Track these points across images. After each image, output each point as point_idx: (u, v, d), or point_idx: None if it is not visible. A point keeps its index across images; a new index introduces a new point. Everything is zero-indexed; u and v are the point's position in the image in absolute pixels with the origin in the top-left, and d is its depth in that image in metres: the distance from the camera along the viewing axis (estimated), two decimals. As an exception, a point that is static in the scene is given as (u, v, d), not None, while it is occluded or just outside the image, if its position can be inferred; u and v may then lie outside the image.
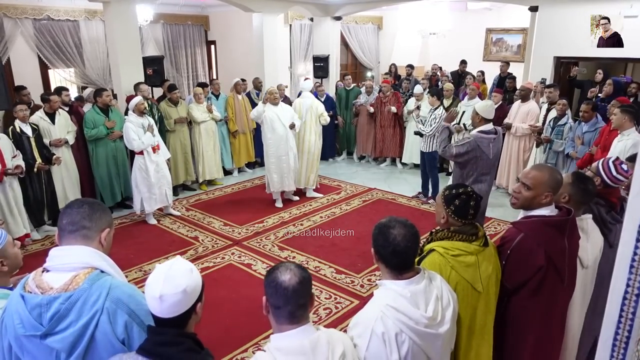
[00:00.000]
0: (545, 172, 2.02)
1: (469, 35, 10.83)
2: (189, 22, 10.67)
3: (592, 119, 4.99)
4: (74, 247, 1.45)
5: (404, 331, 1.52)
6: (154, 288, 1.29)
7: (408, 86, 8.23)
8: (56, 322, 1.34)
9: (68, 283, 1.37)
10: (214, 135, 6.88)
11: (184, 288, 1.30)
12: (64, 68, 8.61)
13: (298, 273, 1.41)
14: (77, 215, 1.47)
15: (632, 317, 1.30)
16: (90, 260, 1.43)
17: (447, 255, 1.84)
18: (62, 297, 1.35)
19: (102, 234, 1.50)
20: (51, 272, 1.43)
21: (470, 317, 1.86)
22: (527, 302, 1.98)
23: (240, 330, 3.57)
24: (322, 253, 4.84)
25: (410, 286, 1.58)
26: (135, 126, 5.28)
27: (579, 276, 2.16)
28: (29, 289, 1.40)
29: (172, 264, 1.35)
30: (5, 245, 1.69)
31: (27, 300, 1.37)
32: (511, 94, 7.27)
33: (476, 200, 1.92)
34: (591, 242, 2.19)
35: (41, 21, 8.13)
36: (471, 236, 1.89)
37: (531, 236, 1.94)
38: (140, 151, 5.36)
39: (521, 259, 1.94)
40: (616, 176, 2.33)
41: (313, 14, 9.33)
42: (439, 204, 1.99)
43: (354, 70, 12.25)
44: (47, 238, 5.24)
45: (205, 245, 5.08)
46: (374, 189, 6.93)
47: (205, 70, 11.25)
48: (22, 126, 4.93)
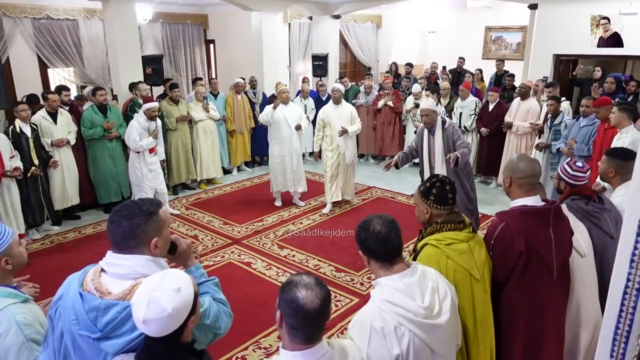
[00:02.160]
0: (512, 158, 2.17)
1: (468, 33, 10.83)
2: (188, 21, 10.66)
3: (592, 115, 4.99)
4: (128, 256, 1.44)
5: (402, 324, 1.52)
6: (138, 311, 1.24)
7: (407, 84, 8.23)
8: (112, 329, 1.35)
9: (126, 292, 1.37)
10: (212, 135, 6.88)
11: (169, 312, 1.23)
12: (64, 67, 8.59)
13: (320, 294, 1.31)
14: (119, 235, 1.44)
15: (632, 311, 1.30)
16: (145, 270, 1.42)
17: (440, 246, 1.89)
18: (120, 306, 1.35)
19: (152, 243, 1.47)
20: (109, 275, 1.43)
21: (473, 307, 1.89)
22: (513, 292, 2.03)
23: (241, 328, 3.56)
24: (322, 251, 4.85)
25: (404, 279, 1.59)
26: (140, 128, 5.29)
27: (581, 265, 2.19)
28: (87, 288, 1.40)
29: (159, 283, 1.27)
30: (11, 243, 1.67)
31: (85, 300, 1.38)
32: (510, 92, 7.27)
33: (450, 184, 2.01)
34: (578, 230, 2.23)
35: (40, 20, 8.12)
36: (459, 224, 1.95)
37: (511, 225, 2.01)
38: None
39: (504, 247, 2.01)
40: (574, 174, 2.44)
41: (312, 13, 9.33)
42: (418, 202, 2.04)
43: (353, 69, 12.24)
44: (47, 237, 5.24)
45: (205, 243, 5.08)
46: (374, 187, 6.93)
47: (205, 69, 11.24)
48: (22, 126, 4.92)
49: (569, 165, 2.48)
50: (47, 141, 5.25)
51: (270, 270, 4.48)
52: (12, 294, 1.67)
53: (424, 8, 10.34)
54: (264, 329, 3.56)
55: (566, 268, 2.12)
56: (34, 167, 4.85)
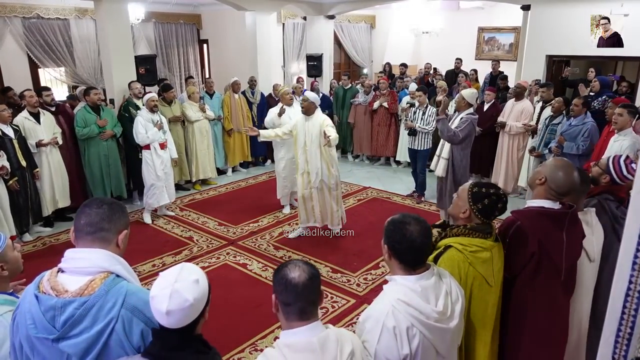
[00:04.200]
0: (557, 162, 2.11)
1: (461, 34, 10.88)
2: (181, 21, 10.60)
3: (581, 115, 5.03)
4: (91, 250, 1.41)
5: (415, 325, 1.53)
6: (161, 303, 1.26)
7: (402, 85, 8.24)
8: (70, 327, 1.31)
9: (84, 288, 1.34)
10: (207, 135, 6.85)
11: (191, 302, 1.28)
12: (55, 67, 8.51)
13: (307, 270, 1.41)
14: (96, 217, 1.43)
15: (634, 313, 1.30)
16: (106, 264, 1.40)
17: (465, 252, 1.85)
18: (77, 302, 1.32)
19: (120, 235, 1.47)
20: (66, 273, 1.39)
21: (483, 312, 1.90)
22: (523, 292, 2.03)
23: (237, 330, 3.55)
24: (318, 252, 4.83)
25: (421, 281, 1.60)
26: (144, 120, 5.37)
27: (587, 270, 2.20)
28: (43, 289, 1.36)
29: (179, 276, 1.31)
30: (5, 249, 1.64)
31: (41, 301, 1.34)
32: (504, 93, 7.30)
33: (504, 202, 1.93)
34: (596, 235, 2.24)
35: (30, 20, 8.03)
36: (487, 234, 1.92)
37: (526, 225, 2.01)
38: (147, 146, 5.41)
39: (517, 246, 2.00)
40: (626, 175, 2.38)
41: (306, 13, 9.31)
42: (464, 198, 1.95)
43: (347, 69, 12.25)
44: (39, 239, 5.17)
45: (200, 245, 5.04)
46: (369, 187, 6.93)
47: (198, 69, 11.19)
48: (4, 128, 4.73)
49: (626, 164, 2.37)
50: (32, 143, 5.07)
51: (266, 271, 4.46)
52: (8, 301, 1.63)
53: (417, 9, 10.36)
54: (261, 330, 3.53)
55: (573, 271, 2.13)
56: (12, 181, 4.66)
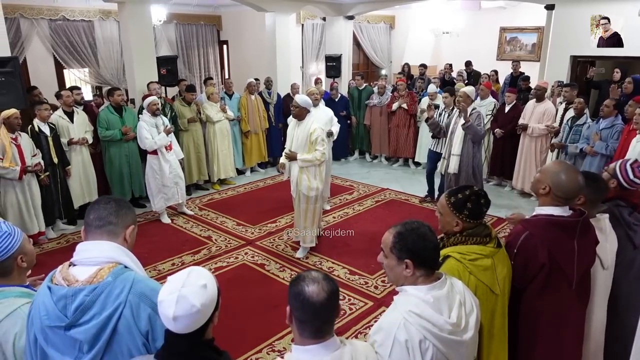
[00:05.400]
0: (556, 166, 2.01)
1: (482, 34, 10.73)
2: (202, 22, 10.72)
3: (611, 116, 4.90)
4: (100, 242, 1.49)
5: (427, 338, 1.48)
6: (168, 309, 1.27)
7: (422, 85, 8.17)
8: (80, 314, 1.38)
9: (93, 276, 1.41)
10: (228, 135, 6.90)
11: (198, 308, 1.28)
12: (79, 68, 8.70)
13: (326, 287, 1.34)
14: (104, 211, 1.51)
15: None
16: (114, 255, 1.47)
17: (464, 261, 1.79)
18: (87, 289, 1.38)
19: (127, 230, 1.55)
20: (78, 265, 1.47)
21: (489, 321, 1.83)
22: (533, 303, 1.96)
23: (254, 331, 3.56)
24: (335, 254, 4.82)
25: (433, 291, 1.54)
26: (148, 125, 5.33)
27: (600, 277, 2.13)
28: (55, 281, 1.44)
29: (186, 281, 1.31)
30: (22, 241, 1.70)
31: (53, 292, 1.41)
32: (525, 94, 7.17)
33: (485, 196, 1.89)
34: (610, 242, 2.17)
35: (57, 21, 8.22)
36: (485, 237, 1.85)
37: (535, 234, 1.92)
38: (154, 151, 5.40)
39: (526, 257, 1.93)
40: (633, 179, 2.31)
41: (325, 14, 9.31)
42: (446, 213, 1.89)
43: (366, 70, 12.20)
44: (63, 237, 5.28)
45: (219, 245, 5.08)
46: (387, 189, 6.88)
47: (218, 70, 11.29)
48: (41, 125, 4.98)
49: (632, 168, 2.32)
50: (65, 141, 5.30)
51: (284, 272, 4.47)
52: (25, 293, 1.68)
53: (437, 9, 10.26)
54: (278, 331, 3.54)
55: (587, 279, 2.06)
56: (44, 175, 4.86)
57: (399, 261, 1.56)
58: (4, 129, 4.48)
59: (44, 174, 4.86)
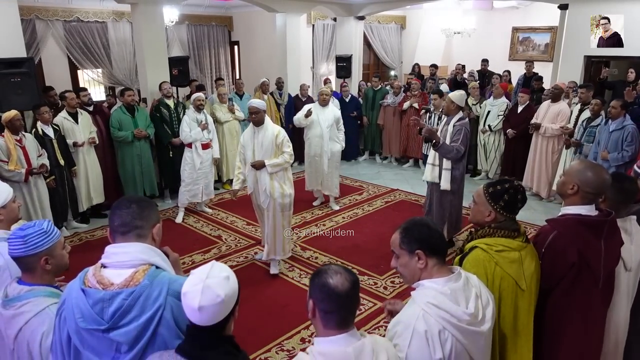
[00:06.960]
0: (582, 165, 2.01)
1: (494, 34, 10.65)
2: (213, 23, 10.79)
3: (620, 118, 4.82)
4: (130, 244, 1.49)
5: (446, 328, 1.49)
6: (193, 299, 1.29)
7: (432, 86, 8.13)
8: (119, 317, 1.38)
9: (129, 279, 1.41)
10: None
11: (222, 298, 1.31)
12: (92, 68, 8.81)
13: (349, 278, 1.38)
14: (127, 216, 1.50)
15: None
16: (146, 256, 1.48)
17: (490, 251, 1.81)
18: (125, 293, 1.39)
19: (154, 230, 1.55)
20: (110, 268, 1.47)
21: (514, 317, 1.84)
22: (561, 301, 1.96)
23: (263, 330, 3.57)
24: (345, 254, 4.82)
25: (449, 283, 1.56)
26: (190, 119, 5.57)
27: (623, 279, 2.12)
28: (89, 284, 1.44)
29: (209, 273, 1.34)
30: (55, 244, 1.70)
31: (88, 295, 1.41)
32: (538, 94, 7.10)
33: (523, 193, 1.90)
34: (635, 244, 2.14)
35: (71, 23, 8.35)
36: (513, 232, 1.86)
37: (564, 234, 1.92)
38: (189, 144, 5.58)
39: (555, 256, 1.92)
40: None
41: (336, 14, 9.31)
42: (482, 202, 1.91)
43: (377, 70, 12.17)
44: (76, 235, 5.35)
45: (229, 244, 5.11)
46: (397, 190, 6.86)
47: (229, 71, 11.36)
48: (44, 128, 4.92)
49: None
50: (70, 142, 5.25)
51: (293, 271, 4.48)
52: (53, 293, 1.71)
53: (449, 9, 10.21)
54: (287, 330, 3.55)
55: (611, 279, 2.05)
56: (50, 178, 4.86)
57: (411, 255, 1.59)
58: (7, 131, 4.45)
59: (50, 178, 4.84)
